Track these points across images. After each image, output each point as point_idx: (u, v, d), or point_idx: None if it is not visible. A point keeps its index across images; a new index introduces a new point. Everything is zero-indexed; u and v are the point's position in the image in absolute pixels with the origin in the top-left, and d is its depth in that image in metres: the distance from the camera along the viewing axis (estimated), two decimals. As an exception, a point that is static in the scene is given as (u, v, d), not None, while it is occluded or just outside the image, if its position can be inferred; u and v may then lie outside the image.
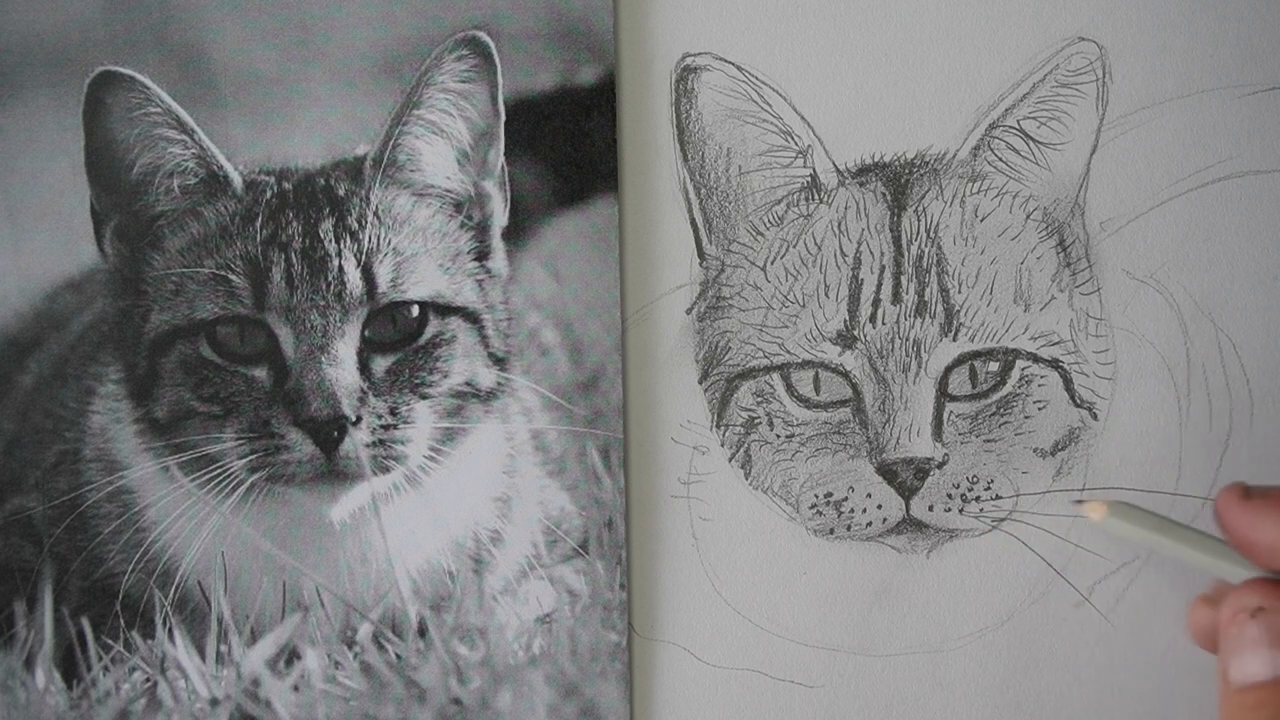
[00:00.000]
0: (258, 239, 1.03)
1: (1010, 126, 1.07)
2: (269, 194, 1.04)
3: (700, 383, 1.07)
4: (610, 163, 1.08)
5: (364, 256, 1.03)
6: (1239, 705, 0.91)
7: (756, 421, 1.07)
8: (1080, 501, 1.00)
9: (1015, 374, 1.06)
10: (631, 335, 1.08)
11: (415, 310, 1.04)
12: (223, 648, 1.03)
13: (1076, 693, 1.06)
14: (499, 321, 1.06)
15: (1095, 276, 1.07)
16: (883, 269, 1.07)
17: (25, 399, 1.12)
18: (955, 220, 1.07)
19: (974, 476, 1.06)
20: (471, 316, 1.05)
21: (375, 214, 1.04)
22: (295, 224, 1.03)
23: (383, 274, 1.03)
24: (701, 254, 1.08)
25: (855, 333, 1.06)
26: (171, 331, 1.03)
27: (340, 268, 1.02)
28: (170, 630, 1.04)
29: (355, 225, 1.03)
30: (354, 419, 1.01)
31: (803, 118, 1.07)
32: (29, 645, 1.04)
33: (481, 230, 1.07)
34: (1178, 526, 0.97)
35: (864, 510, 1.06)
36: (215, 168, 1.04)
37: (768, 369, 1.07)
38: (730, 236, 1.08)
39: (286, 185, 1.05)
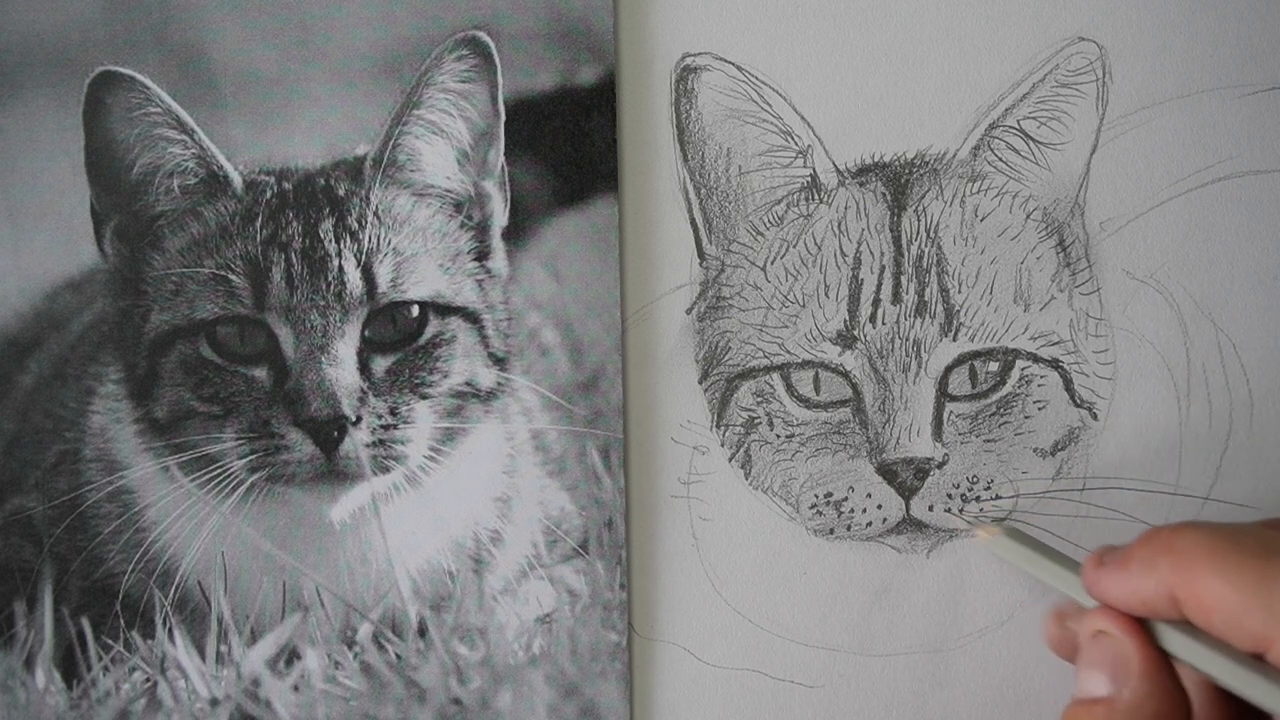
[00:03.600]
0: (258, 239, 1.03)
1: (1010, 126, 1.07)
2: (269, 194, 1.04)
3: (700, 383, 1.07)
4: (610, 163, 1.08)
5: (364, 256, 1.03)
6: (1072, 716, 0.95)
7: (756, 421, 1.07)
8: (972, 522, 1.03)
9: (1015, 374, 1.06)
10: (631, 335, 1.08)
11: (415, 310, 1.04)
12: (223, 648, 1.03)
13: (1076, 693, 1.06)
14: (499, 321, 1.07)
15: (1095, 276, 1.07)
16: (883, 269, 1.07)
17: (25, 399, 1.12)
18: (955, 220, 1.07)
19: (974, 476, 1.06)
20: (471, 316, 1.05)
21: (375, 214, 1.04)
22: (295, 224, 1.03)
23: (383, 274, 1.03)
24: (701, 254, 1.08)
25: (855, 333, 1.06)
26: (171, 331, 1.03)
27: (340, 268, 1.02)
28: (170, 630, 1.04)
29: (355, 225, 1.03)
30: (354, 419, 1.01)
31: (803, 118, 1.07)
32: (29, 645, 1.04)
33: (481, 230, 1.07)
34: (1057, 558, 0.99)
35: (864, 510, 1.06)
36: (215, 168, 1.04)
37: (768, 369, 1.07)
38: (730, 236, 1.08)
39: (286, 185, 1.05)
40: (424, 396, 1.03)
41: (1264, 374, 1.06)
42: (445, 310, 1.04)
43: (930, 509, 1.06)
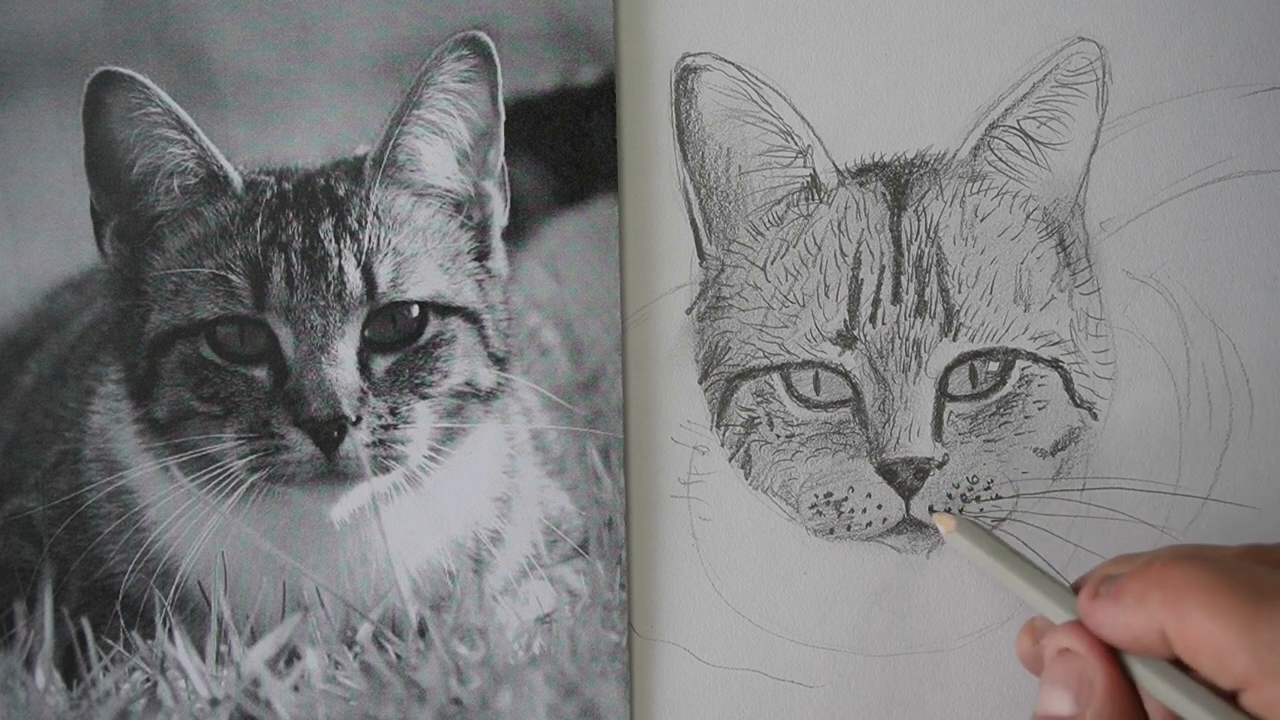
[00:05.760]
0: (258, 239, 1.03)
1: (1010, 126, 1.07)
2: (269, 194, 1.04)
3: (700, 383, 1.07)
4: (610, 163, 1.08)
5: (364, 256, 1.03)
6: None
7: (756, 421, 1.07)
8: (934, 511, 1.03)
9: (1015, 374, 1.06)
10: (631, 335, 1.08)
11: (415, 310, 1.04)
12: (223, 648, 1.03)
13: (1076, 693, 1.06)
14: (499, 321, 1.07)
15: (1095, 276, 1.07)
16: (883, 269, 1.07)
17: (25, 399, 1.12)
18: (955, 220, 1.07)
19: (974, 476, 1.06)
20: (471, 316, 1.05)
21: (375, 214, 1.04)
22: (295, 224, 1.03)
23: (383, 274, 1.03)
24: (701, 254, 1.08)
25: (855, 333, 1.06)
26: (171, 331, 1.03)
27: (340, 268, 1.02)
28: (170, 630, 1.04)
29: (355, 225, 1.03)
30: (354, 419, 1.01)
31: (803, 118, 1.07)
32: (29, 645, 1.04)
33: (481, 230, 1.07)
34: (1015, 557, 0.98)
35: (864, 510, 1.06)
36: (215, 168, 1.04)
37: (768, 369, 1.07)
38: (730, 236, 1.08)
39: (286, 185, 1.05)
40: (424, 396, 1.03)
41: (1264, 374, 1.06)
42: (445, 310, 1.04)
43: (930, 509, 1.06)
